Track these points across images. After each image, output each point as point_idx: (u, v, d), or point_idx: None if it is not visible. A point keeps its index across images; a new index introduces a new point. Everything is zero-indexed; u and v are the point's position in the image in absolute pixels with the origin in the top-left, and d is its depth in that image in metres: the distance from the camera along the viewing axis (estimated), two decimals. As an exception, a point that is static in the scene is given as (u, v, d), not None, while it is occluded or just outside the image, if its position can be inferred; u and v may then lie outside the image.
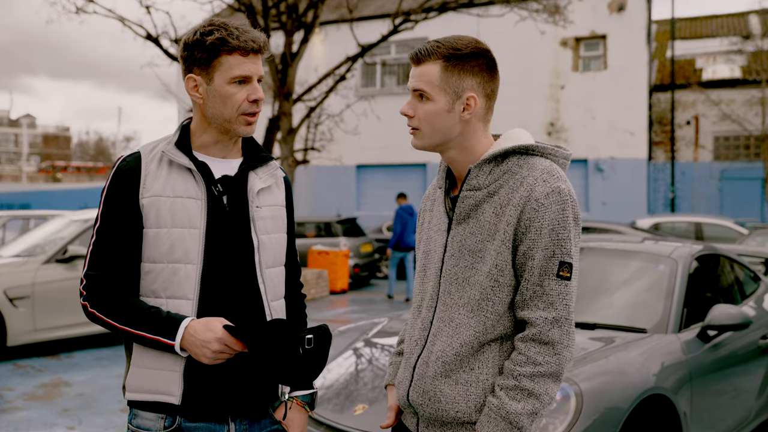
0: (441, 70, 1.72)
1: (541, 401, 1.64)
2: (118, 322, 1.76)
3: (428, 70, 1.73)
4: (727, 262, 5.12)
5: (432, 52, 1.73)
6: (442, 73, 1.72)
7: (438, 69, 1.72)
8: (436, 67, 1.73)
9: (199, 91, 1.81)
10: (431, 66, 1.73)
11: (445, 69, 1.72)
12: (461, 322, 1.73)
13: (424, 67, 1.74)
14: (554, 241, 1.65)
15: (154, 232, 1.79)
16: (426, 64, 1.74)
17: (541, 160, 1.74)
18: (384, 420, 1.96)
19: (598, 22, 18.00)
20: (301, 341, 1.66)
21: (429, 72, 1.73)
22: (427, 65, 1.74)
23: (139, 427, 1.81)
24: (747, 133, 19.31)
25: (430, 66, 1.73)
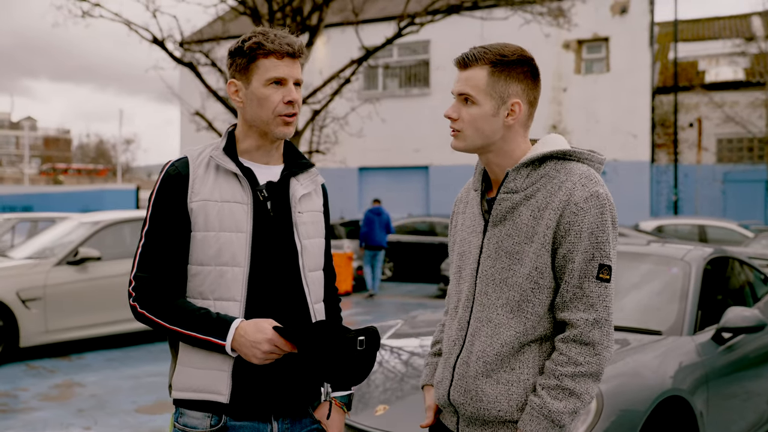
0: (488, 75, 1.77)
1: (582, 400, 1.68)
2: (168, 322, 1.80)
3: (475, 75, 1.78)
4: (738, 265, 5.15)
5: (479, 57, 1.77)
6: (489, 78, 1.77)
7: (485, 74, 1.77)
8: (483, 72, 1.77)
9: (239, 95, 1.87)
10: (478, 71, 1.78)
11: (491, 74, 1.77)
12: (501, 323, 1.77)
13: (471, 72, 1.78)
14: (593, 244, 1.69)
15: (202, 236, 1.83)
16: (473, 68, 1.78)
17: (579, 165, 1.78)
18: (415, 419, 1.99)
19: (601, 25, 18.05)
20: (353, 343, 1.70)
21: (476, 77, 1.77)
22: (473, 70, 1.78)
23: (185, 426, 1.84)
24: (750, 135, 19.35)
25: (477, 71, 1.78)
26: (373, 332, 1.75)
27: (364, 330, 1.75)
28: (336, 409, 1.96)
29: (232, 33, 16.69)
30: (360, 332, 1.73)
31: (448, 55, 20.01)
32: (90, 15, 12.95)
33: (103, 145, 73.23)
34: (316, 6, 12.22)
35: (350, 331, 1.73)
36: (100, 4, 12.68)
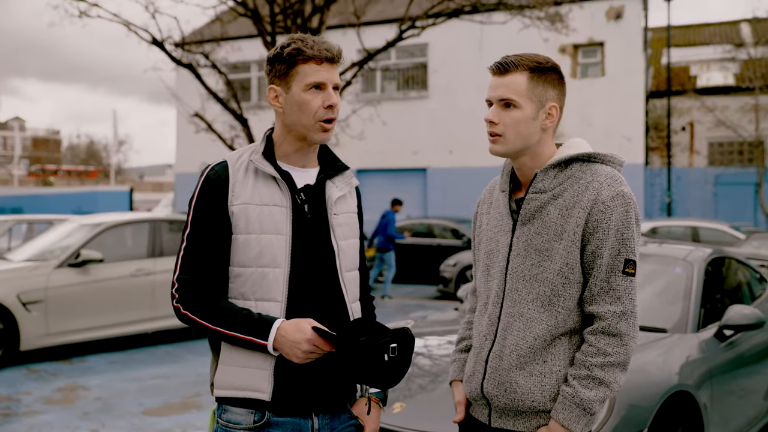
0: (528, 80, 1.86)
1: (611, 389, 1.77)
2: (211, 323, 1.85)
3: (515, 80, 1.86)
4: (736, 265, 5.26)
5: (518, 63, 1.86)
6: (529, 83, 1.86)
7: (525, 79, 1.86)
8: (523, 77, 1.86)
9: (279, 100, 1.92)
10: (518, 76, 1.86)
11: (531, 79, 1.86)
12: (532, 317, 1.85)
13: (511, 77, 1.87)
14: (620, 240, 1.78)
15: (243, 238, 1.88)
16: (512, 74, 1.87)
17: (603, 167, 1.87)
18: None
19: (596, 30, 18.21)
20: (385, 349, 1.75)
21: (516, 82, 1.86)
22: (513, 75, 1.87)
23: (229, 422, 1.89)
24: (741, 139, 19.56)
25: (517, 76, 1.86)
26: (408, 336, 1.80)
27: (400, 334, 1.80)
28: (373, 405, 2.01)
29: (230, 34, 16.75)
30: (394, 336, 1.78)
31: (445, 58, 20.18)
32: (87, 15, 12.94)
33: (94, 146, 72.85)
34: (317, 8, 12.28)
35: (387, 333, 1.79)
36: (99, 4, 12.68)
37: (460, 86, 19.25)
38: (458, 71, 19.30)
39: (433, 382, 3.64)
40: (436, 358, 3.88)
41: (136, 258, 8.34)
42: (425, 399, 3.52)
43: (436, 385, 3.61)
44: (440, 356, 3.92)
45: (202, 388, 6.40)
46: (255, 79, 22.45)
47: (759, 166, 18.73)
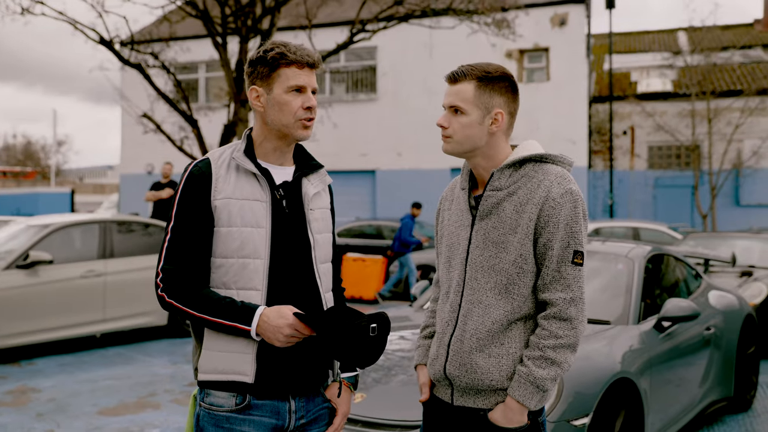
0: (475, 88, 2.03)
1: (562, 368, 1.95)
2: (196, 310, 1.96)
3: (463, 89, 2.04)
4: (674, 262, 5.57)
5: (467, 73, 2.03)
6: (476, 91, 2.03)
7: (472, 88, 2.03)
8: (471, 86, 2.03)
9: (261, 101, 2.04)
10: (466, 85, 2.04)
11: (478, 88, 2.03)
12: (490, 304, 2.02)
13: (460, 86, 2.05)
14: (569, 233, 1.96)
15: (226, 231, 1.99)
16: (461, 83, 2.05)
17: (554, 167, 2.05)
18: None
19: (541, 36, 18.70)
20: (366, 329, 1.89)
21: (464, 90, 2.04)
22: (462, 84, 2.04)
23: (212, 405, 2.00)
24: (678, 143, 20.35)
25: (465, 85, 2.04)
26: (384, 318, 1.95)
27: (376, 315, 1.95)
28: (344, 388, 2.15)
29: (178, 35, 16.58)
30: (372, 319, 1.93)
31: (394, 61, 20.40)
32: (30, 12, 12.66)
33: (31, 147, 70.60)
34: (267, 10, 12.30)
35: (363, 317, 1.93)
36: (43, 2, 12.42)
37: (409, 89, 19.50)
38: (407, 74, 19.54)
39: (386, 375, 3.80)
40: (389, 353, 4.02)
41: (86, 259, 8.25)
42: (380, 391, 3.68)
43: (390, 378, 3.78)
44: (392, 351, 4.07)
45: (156, 388, 6.41)
46: (203, 79, 22.26)
47: (695, 170, 19.52)
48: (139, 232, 8.99)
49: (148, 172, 22.60)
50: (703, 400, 5.14)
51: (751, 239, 10.23)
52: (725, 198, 20.13)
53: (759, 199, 20.03)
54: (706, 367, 5.13)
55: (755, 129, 19.89)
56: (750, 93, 19.34)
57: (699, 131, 19.66)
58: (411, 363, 3.88)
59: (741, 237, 10.56)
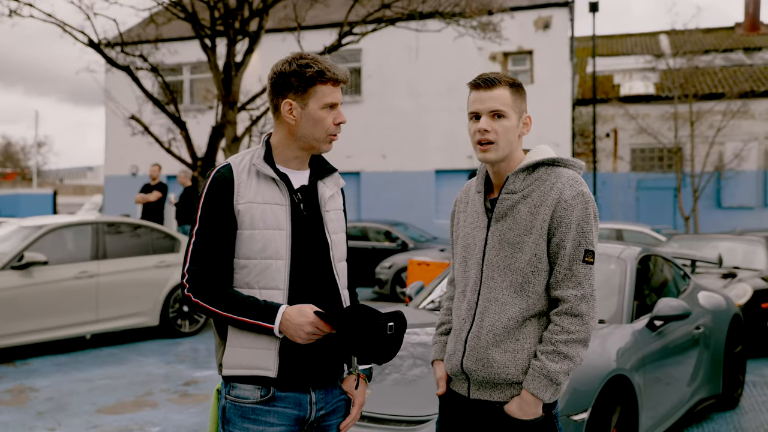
0: (510, 93, 2.14)
1: (574, 362, 2.06)
2: (221, 309, 2.06)
3: (502, 94, 2.14)
4: (664, 262, 5.72)
5: (500, 79, 2.14)
6: (512, 96, 2.15)
7: (508, 93, 2.14)
8: (507, 91, 2.14)
9: (294, 114, 2.12)
10: (503, 90, 2.14)
11: (512, 93, 2.15)
12: (506, 301, 2.12)
13: (498, 91, 2.14)
14: (580, 233, 2.08)
15: (249, 233, 2.09)
16: (498, 88, 2.14)
17: (565, 170, 2.16)
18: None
19: (526, 39, 18.89)
20: (384, 327, 1.99)
21: (503, 95, 2.14)
22: (499, 89, 2.14)
23: (237, 397, 2.10)
24: (661, 145, 20.64)
25: (502, 90, 2.14)
26: (401, 317, 2.05)
27: (393, 314, 2.05)
28: (361, 381, 2.26)
29: (166, 36, 16.57)
30: (390, 317, 2.03)
31: (379, 63, 20.49)
32: (18, 14, 12.61)
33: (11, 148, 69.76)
34: (255, 12, 12.33)
35: (380, 315, 2.03)
36: (32, 4, 12.38)
37: (394, 92, 19.61)
38: (392, 77, 19.65)
39: (380, 374, 3.90)
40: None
41: (79, 260, 8.26)
42: (375, 389, 3.77)
43: (384, 377, 3.87)
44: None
45: (152, 387, 6.46)
46: (187, 81, 22.22)
47: (677, 172, 19.80)
48: (131, 234, 9.02)
49: (132, 174, 22.52)
50: (693, 398, 5.28)
51: (734, 241, 10.43)
52: (707, 200, 20.44)
53: (740, 201, 20.36)
54: (696, 365, 5.27)
55: (737, 132, 20.23)
56: (732, 96, 19.65)
57: (681, 134, 19.96)
58: (404, 362, 3.98)
59: (724, 239, 10.75)
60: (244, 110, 12.69)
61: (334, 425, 2.23)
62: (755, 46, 24.61)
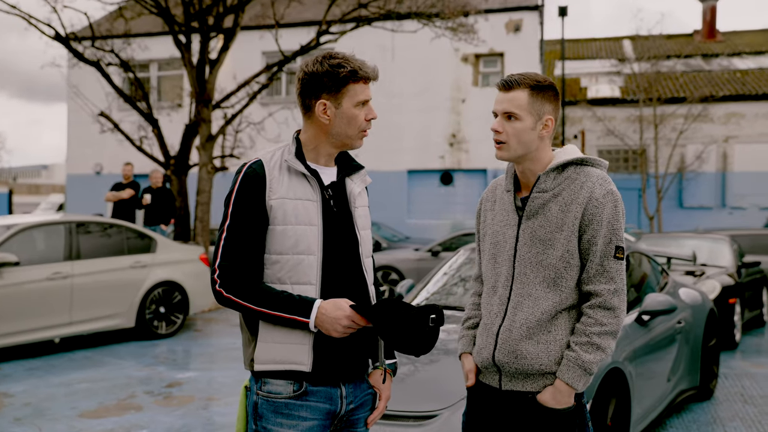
0: (528, 96, 2.18)
1: (606, 353, 2.10)
2: (255, 304, 2.05)
3: (518, 96, 2.18)
4: (645, 259, 5.85)
5: (521, 81, 2.18)
6: (529, 98, 2.18)
7: (526, 95, 2.18)
8: (524, 93, 2.17)
9: (328, 113, 2.14)
10: (520, 93, 2.18)
11: (531, 95, 2.18)
12: (540, 296, 2.17)
13: (514, 93, 2.18)
14: (611, 230, 2.13)
15: (281, 229, 2.09)
16: (515, 91, 2.18)
17: (594, 169, 2.21)
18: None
19: (497, 41, 19.10)
20: (425, 319, 2.01)
21: (518, 97, 2.17)
22: (516, 92, 2.18)
23: (270, 392, 2.09)
24: (627, 147, 21.06)
25: (519, 93, 2.18)
26: (439, 310, 2.07)
27: (431, 307, 2.06)
28: (387, 375, 2.27)
29: (134, 32, 16.29)
30: (429, 310, 2.04)
31: (350, 64, 20.44)
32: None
33: (-39, 146, 67.69)
34: (230, 9, 12.22)
35: (415, 308, 2.04)
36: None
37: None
38: (365, 77, 19.66)
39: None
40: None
41: (52, 261, 8.07)
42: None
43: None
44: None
45: (135, 390, 6.36)
46: (155, 78, 21.90)
47: (642, 173, 20.24)
48: (105, 233, 8.84)
49: (96, 172, 22.10)
50: (675, 390, 5.42)
51: (699, 239, 10.73)
52: (670, 200, 20.93)
53: (701, 202, 20.91)
54: (677, 358, 5.40)
55: (698, 135, 20.76)
56: (693, 100, 20.16)
57: (646, 136, 20.40)
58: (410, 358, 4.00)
59: (691, 237, 11.06)
60: (218, 108, 12.56)
61: (362, 419, 2.24)
62: (713, 53, 25.30)
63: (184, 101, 20.22)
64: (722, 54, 25.12)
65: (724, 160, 20.88)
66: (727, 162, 20.88)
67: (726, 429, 5.33)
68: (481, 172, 19.46)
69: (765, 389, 6.51)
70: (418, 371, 3.86)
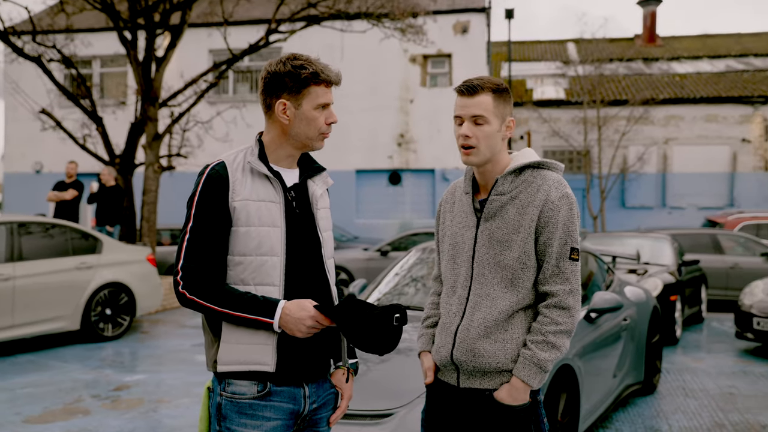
0: (492, 99, 2.22)
1: (561, 351, 2.17)
2: (218, 305, 2.05)
3: (483, 100, 2.22)
4: (592, 258, 6.01)
5: (483, 86, 2.22)
6: (494, 102, 2.22)
7: (490, 99, 2.22)
8: (489, 97, 2.22)
9: (287, 113, 2.15)
10: (485, 97, 2.22)
11: (494, 99, 2.23)
12: (497, 296, 2.22)
13: (480, 98, 2.22)
14: (566, 232, 2.19)
15: (245, 230, 2.09)
16: (480, 95, 2.22)
17: (550, 173, 2.27)
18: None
19: (445, 42, 19.29)
20: (389, 318, 2.03)
21: (485, 101, 2.22)
22: (481, 96, 2.22)
23: (234, 393, 2.09)
24: (572, 148, 21.55)
25: (484, 97, 2.22)
26: (402, 309, 2.10)
27: (395, 306, 2.09)
28: (350, 375, 2.30)
29: (75, 27, 15.86)
30: (392, 309, 2.07)
31: (299, 63, 20.31)
32: None
33: None
34: (176, 5, 12.02)
35: (378, 308, 2.06)
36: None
37: (316, 91, 19.54)
38: (313, 76, 19.59)
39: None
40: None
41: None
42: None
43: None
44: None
45: (81, 394, 6.21)
46: (97, 75, 21.36)
47: (586, 174, 20.74)
48: (48, 234, 8.59)
49: (36, 171, 21.45)
50: (620, 385, 5.59)
51: (642, 238, 11.05)
52: (613, 201, 21.51)
53: (642, 202, 21.56)
54: (623, 354, 5.57)
55: (639, 136, 21.40)
56: (635, 103, 20.76)
57: (590, 137, 20.91)
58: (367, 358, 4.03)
59: (633, 236, 11.37)
60: (165, 107, 12.35)
61: (324, 418, 2.26)
62: (653, 57, 26.11)
63: (129, 99, 19.79)
64: (662, 58, 25.95)
65: (664, 161, 21.57)
66: (667, 163, 21.58)
67: (669, 422, 5.52)
68: (429, 172, 19.64)
69: (705, 383, 6.77)
70: (376, 370, 3.90)
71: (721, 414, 5.71)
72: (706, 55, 26.12)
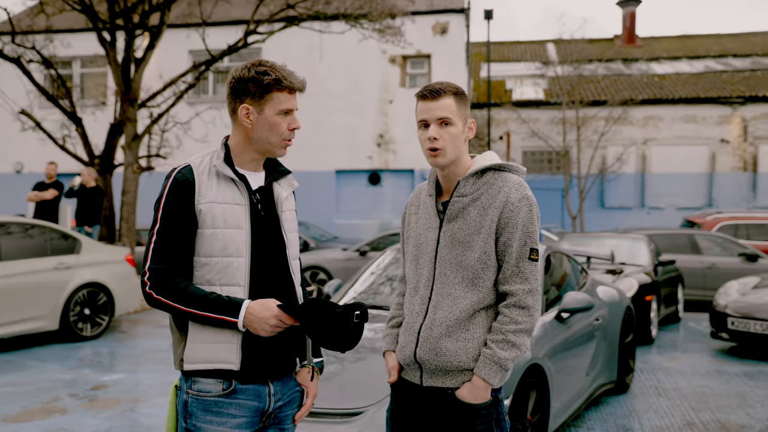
0: (455, 102, 2.30)
1: (521, 350, 2.25)
2: (184, 305, 2.11)
3: (447, 103, 2.30)
4: (565, 259, 6.12)
5: (445, 89, 2.30)
6: (456, 104, 2.31)
7: (453, 101, 2.30)
8: (451, 100, 2.30)
9: (250, 118, 2.21)
10: (448, 99, 2.30)
11: (456, 101, 2.31)
12: (458, 296, 2.29)
13: (443, 101, 2.30)
14: (525, 233, 2.27)
15: (210, 232, 2.15)
16: (443, 98, 2.30)
17: (511, 175, 2.35)
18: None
19: (424, 43, 19.38)
20: (350, 317, 2.11)
21: (448, 104, 2.30)
22: (445, 99, 2.30)
23: (200, 391, 2.16)
24: (551, 148, 21.73)
25: (447, 99, 2.30)
26: (363, 308, 2.17)
27: (356, 305, 2.16)
28: (315, 373, 2.37)
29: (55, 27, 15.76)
30: (353, 308, 2.14)
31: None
32: None
33: None
34: (155, 6, 12.00)
35: (340, 307, 2.14)
36: None
37: (295, 91, 19.56)
38: (293, 77, 19.60)
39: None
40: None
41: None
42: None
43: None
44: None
45: (59, 393, 6.22)
46: (77, 76, 21.22)
47: (565, 174, 20.92)
48: (27, 234, 8.57)
49: (17, 171, 21.27)
50: (593, 384, 5.69)
51: (618, 238, 11.15)
52: (592, 201, 21.72)
53: (621, 202, 21.78)
54: (595, 354, 5.68)
55: (618, 137, 21.62)
56: (613, 103, 20.97)
57: (569, 138, 21.10)
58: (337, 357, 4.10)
59: (610, 236, 11.48)
60: (144, 107, 12.32)
61: (290, 416, 2.32)
62: (632, 57, 26.37)
63: (108, 99, 19.69)
64: (641, 59, 26.22)
65: (643, 161, 21.81)
66: (646, 164, 21.83)
67: (641, 421, 5.63)
68: (409, 172, 19.73)
69: (678, 382, 6.90)
70: (346, 369, 3.97)
71: (693, 413, 5.83)
72: (686, 56, 26.43)
